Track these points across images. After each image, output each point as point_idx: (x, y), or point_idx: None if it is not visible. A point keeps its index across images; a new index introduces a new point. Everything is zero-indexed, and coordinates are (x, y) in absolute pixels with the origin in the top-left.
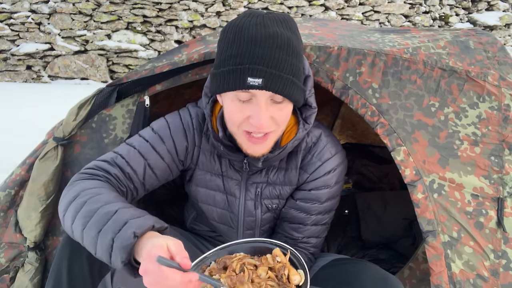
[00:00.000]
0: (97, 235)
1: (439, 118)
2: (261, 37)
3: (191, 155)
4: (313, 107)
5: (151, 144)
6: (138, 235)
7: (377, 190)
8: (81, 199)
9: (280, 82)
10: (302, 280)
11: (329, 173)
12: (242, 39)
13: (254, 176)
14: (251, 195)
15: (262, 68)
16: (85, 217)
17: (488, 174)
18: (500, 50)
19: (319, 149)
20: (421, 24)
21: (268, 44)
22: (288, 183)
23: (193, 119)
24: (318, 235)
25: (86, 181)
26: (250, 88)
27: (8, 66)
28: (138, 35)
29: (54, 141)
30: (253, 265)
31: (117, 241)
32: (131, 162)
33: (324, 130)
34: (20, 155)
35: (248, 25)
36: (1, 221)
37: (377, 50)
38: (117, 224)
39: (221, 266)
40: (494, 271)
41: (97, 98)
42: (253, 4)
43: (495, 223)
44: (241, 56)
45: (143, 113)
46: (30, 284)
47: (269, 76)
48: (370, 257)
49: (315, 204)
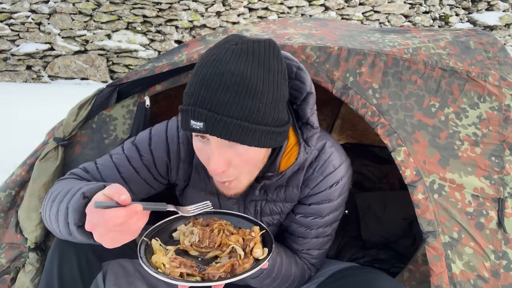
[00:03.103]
0: (57, 212)
1: (440, 118)
2: (209, 76)
3: (176, 171)
4: (315, 127)
5: (127, 156)
6: (87, 195)
7: (377, 190)
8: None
9: (223, 127)
10: (263, 256)
11: (331, 187)
12: (195, 77)
13: (252, 194)
14: (250, 214)
15: (203, 111)
16: (51, 202)
17: (488, 175)
18: (501, 50)
19: (321, 162)
20: (421, 24)
21: (213, 85)
22: (290, 200)
23: (180, 132)
24: (319, 247)
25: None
26: (193, 131)
27: (8, 66)
28: (138, 35)
29: (55, 141)
30: (231, 232)
31: (70, 207)
32: (102, 172)
33: (328, 140)
34: (21, 156)
35: (206, 62)
36: (2, 221)
37: (378, 50)
38: (71, 194)
39: (205, 223)
40: (494, 271)
41: (97, 98)
42: (253, 4)
43: (496, 223)
44: (189, 96)
45: (143, 113)
46: (31, 284)
47: (210, 119)
48: (370, 257)
49: (316, 219)
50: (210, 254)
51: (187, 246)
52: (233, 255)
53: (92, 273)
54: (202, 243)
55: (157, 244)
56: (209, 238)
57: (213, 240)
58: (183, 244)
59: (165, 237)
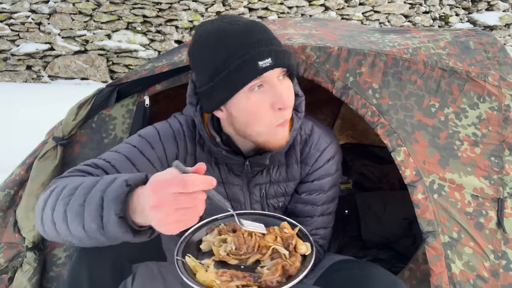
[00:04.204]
0: (83, 203)
1: (439, 118)
2: (244, 27)
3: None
4: (300, 95)
5: (139, 149)
6: (130, 183)
7: (377, 190)
8: (59, 187)
9: (283, 55)
10: (308, 251)
11: (329, 161)
12: (228, 39)
13: (256, 177)
14: (256, 198)
15: (265, 48)
16: (67, 196)
17: (488, 175)
18: (500, 51)
19: (315, 140)
20: (421, 24)
21: (254, 29)
22: (292, 178)
23: (183, 126)
24: (326, 226)
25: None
26: (263, 72)
27: (8, 66)
28: (138, 35)
29: (54, 140)
30: (261, 233)
31: (107, 196)
32: (116, 165)
33: (314, 121)
34: (20, 155)
35: (223, 28)
36: (0, 221)
37: (377, 50)
38: (105, 184)
39: (230, 228)
40: (494, 271)
41: (97, 98)
42: (253, 4)
43: (495, 223)
44: (239, 49)
45: (143, 113)
46: (28, 284)
47: (274, 53)
48: (370, 257)
49: (319, 195)
50: (251, 260)
51: (224, 256)
52: (274, 256)
53: (123, 275)
54: (240, 250)
55: (192, 261)
56: (245, 243)
57: (249, 244)
58: (219, 255)
59: (193, 251)
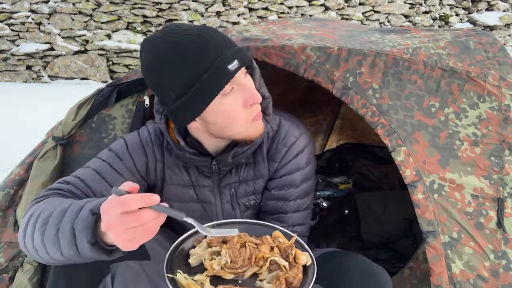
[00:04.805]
0: (57, 233)
1: (439, 118)
2: (199, 35)
3: (154, 171)
4: (266, 96)
5: (108, 162)
6: (96, 211)
7: (377, 190)
8: (35, 215)
9: (244, 53)
10: (309, 261)
11: (297, 156)
12: (190, 52)
13: (225, 178)
14: (226, 198)
15: (229, 51)
16: (41, 226)
17: (488, 175)
18: (500, 50)
19: (282, 135)
20: (421, 24)
21: (210, 35)
22: (260, 176)
23: (151, 135)
24: (302, 222)
25: (38, 203)
26: (234, 74)
27: (8, 66)
28: (138, 35)
29: (53, 140)
30: (254, 243)
31: (77, 226)
32: (86, 179)
33: (282, 115)
34: (20, 155)
35: (178, 42)
36: (0, 220)
37: (377, 50)
38: (73, 213)
39: (220, 239)
40: (494, 271)
41: (96, 98)
42: (253, 4)
43: (495, 223)
44: (205, 59)
45: (142, 113)
46: (29, 283)
47: (237, 54)
48: (370, 257)
49: (290, 190)
50: (248, 273)
51: (219, 270)
52: (272, 268)
53: (101, 275)
54: (236, 263)
55: (183, 278)
56: (240, 255)
57: (245, 256)
58: (213, 270)
59: (181, 266)
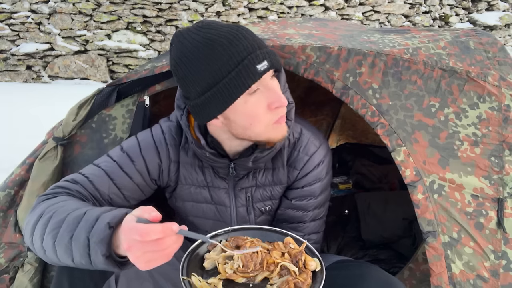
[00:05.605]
0: (70, 240)
1: (439, 118)
2: (231, 33)
3: (167, 172)
4: (290, 101)
5: (118, 163)
6: (112, 225)
7: (377, 190)
8: (46, 215)
9: (274, 56)
10: (318, 267)
11: (319, 166)
12: (222, 48)
13: (242, 181)
14: (241, 201)
15: (259, 51)
16: (54, 230)
17: (488, 175)
18: (500, 51)
19: (303, 143)
20: (421, 24)
21: (242, 33)
22: (278, 182)
23: (165, 134)
24: (317, 231)
25: (48, 200)
26: (262, 74)
27: (8, 66)
28: (138, 35)
29: (54, 141)
30: (266, 249)
31: (93, 238)
32: (94, 181)
33: (303, 124)
34: (20, 155)
35: (211, 38)
36: (1, 221)
37: (377, 50)
38: (88, 223)
39: (233, 244)
40: (494, 271)
41: (97, 98)
42: (253, 4)
43: (495, 223)
44: (235, 56)
45: (143, 113)
46: (29, 284)
47: (268, 55)
48: (370, 257)
49: (310, 200)
50: (259, 278)
51: (231, 274)
52: (283, 273)
53: (104, 275)
54: (247, 267)
55: (197, 281)
56: (252, 260)
57: (256, 261)
58: (225, 273)
59: (196, 269)
